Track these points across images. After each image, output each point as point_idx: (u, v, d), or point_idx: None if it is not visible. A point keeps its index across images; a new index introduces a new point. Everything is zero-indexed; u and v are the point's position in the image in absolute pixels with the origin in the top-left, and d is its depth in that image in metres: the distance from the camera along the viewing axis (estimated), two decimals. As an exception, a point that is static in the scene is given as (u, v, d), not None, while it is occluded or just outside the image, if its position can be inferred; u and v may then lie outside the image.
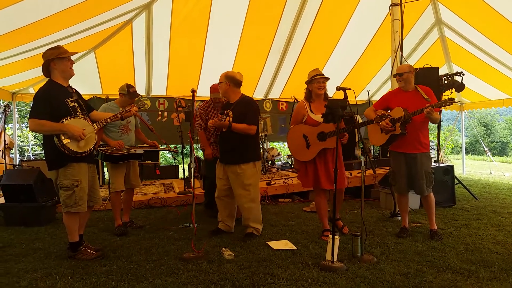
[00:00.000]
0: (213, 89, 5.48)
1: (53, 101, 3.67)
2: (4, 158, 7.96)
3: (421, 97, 4.36)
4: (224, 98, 4.73)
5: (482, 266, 3.52)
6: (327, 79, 4.56)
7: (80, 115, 3.80)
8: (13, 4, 5.11)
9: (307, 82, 4.61)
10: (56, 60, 3.77)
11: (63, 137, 3.61)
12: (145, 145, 5.18)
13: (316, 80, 4.50)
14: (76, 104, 3.83)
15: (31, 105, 3.78)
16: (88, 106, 4.07)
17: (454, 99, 4.11)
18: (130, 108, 4.20)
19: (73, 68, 3.90)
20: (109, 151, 4.68)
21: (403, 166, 4.51)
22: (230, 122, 4.33)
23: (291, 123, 4.82)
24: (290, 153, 11.46)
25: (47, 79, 3.87)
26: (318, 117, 4.44)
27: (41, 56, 3.83)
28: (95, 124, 3.89)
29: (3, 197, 5.57)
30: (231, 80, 4.51)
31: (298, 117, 4.64)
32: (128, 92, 4.92)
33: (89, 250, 3.87)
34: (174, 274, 3.41)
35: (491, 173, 11.88)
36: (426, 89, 4.45)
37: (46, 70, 3.83)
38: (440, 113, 4.32)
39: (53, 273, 3.44)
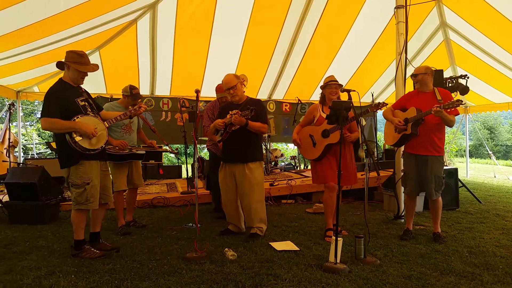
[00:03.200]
0: (219, 88, 5.48)
1: (64, 100, 3.73)
2: (9, 156, 7.99)
3: (436, 99, 4.35)
4: (229, 99, 4.70)
5: (485, 269, 3.51)
6: (341, 85, 4.64)
7: (91, 113, 3.85)
8: (19, 2, 5.13)
9: (322, 87, 4.73)
10: (71, 68, 3.81)
11: (75, 135, 3.66)
12: (147, 145, 5.19)
13: (329, 86, 4.63)
14: (86, 103, 3.89)
15: (42, 104, 3.84)
16: (97, 105, 4.12)
17: (461, 100, 4.10)
18: (140, 105, 4.23)
19: (84, 77, 3.93)
20: (111, 150, 4.69)
21: (413, 168, 4.51)
22: (247, 120, 4.33)
23: (300, 123, 4.94)
24: (293, 155, 11.49)
25: (54, 77, 3.92)
26: None
27: (62, 52, 3.91)
28: (105, 122, 3.93)
29: (7, 195, 5.58)
30: (241, 81, 4.56)
31: (309, 117, 4.82)
32: (131, 93, 4.94)
33: (92, 249, 3.87)
34: (177, 273, 3.42)
35: (495, 177, 11.85)
36: (444, 92, 4.44)
37: (61, 66, 3.87)
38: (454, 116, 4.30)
39: (57, 271, 3.45)
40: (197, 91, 4.33)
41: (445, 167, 6.43)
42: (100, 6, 6.20)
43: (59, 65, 3.87)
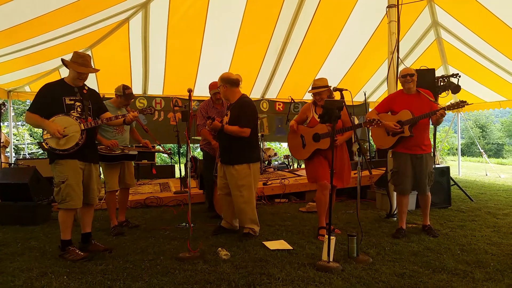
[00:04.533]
0: (212, 86, 5.49)
1: (49, 97, 3.81)
2: (0, 157, 7.92)
3: (425, 99, 4.45)
4: (226, 101, 4.75)
5: (477, 267, 3.53)
6: (327, 88, 4.60)
7: (73, 114, 3.83)
8: (10, 1, 5.09)
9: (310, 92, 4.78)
10: (70, 66, 3.87)
11: (44, 132, 3.78)
12: (140, 145, 5.18)
13: (314, 95, 4.68)
14: (78, 103, 3.88)
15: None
16: (99, 108, 4.12)
17: (465, 101, 4.17)
18: (132, 111, 4.27)
19: (82, 79, 3.95)
20: (103, 151, 4.66)
21: (408, 167, 4.56)
22: (222, 124, 4.35)
23: (295, 119, 4.96)
24: (286, 154, 11.50)
25: (46, 77, 3.98)
26: None
27: (56, 51, 3.98)
28: (82, 124, 3.86)
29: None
30: (227, 81, 4.50)
31: (302, 117, 4.84)
32: (124, 93, 4.91)
33: (77, 251, 3.84)
34: (170, 273, 3.41)
35: (486, 175, 11.93)
36: (427, 92, 4.53)
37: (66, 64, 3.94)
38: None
39: (49, 272, 3.42)
40: (190, 91, 4.32)
41: (437, 166, 6.49)
42: (92, 5, 6.17)
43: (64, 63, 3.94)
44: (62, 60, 3.94)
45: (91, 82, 8.84)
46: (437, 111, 4.21)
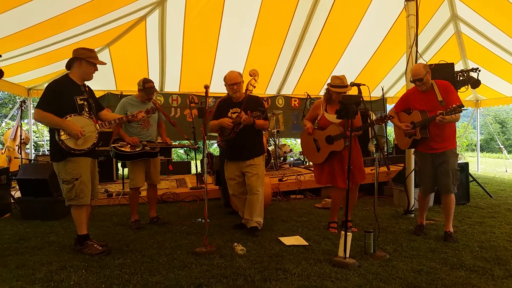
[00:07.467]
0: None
1: (62, 96, 3.77)
2: (20, 153, 8.09)
3: (437, 99, 4.22)
4: (230, 94, 4.69)
5: (496, 264, 3.48)
6: (347, 87, 4.52)
7: (85, 114, 3.87)
8: (29, 1, 5.17)
9: (330, 86, 4.60)
10: (84, 62, 3.88)
11: (62, 133, 3.71)
12: (160, 141, 5.18)
13: (336, 93, 4.53)
14: (85, 103, 3.91)
15: (41, 94, 3.89)
16: (98, 105, 4.14)
17: (463, 105, 3.95)
18: (137, 114, 4.26)
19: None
20: (123, 148, 4.70)
21: (429, 166, 4.38)
22: (254, 119, 4.39)
23: (306, 118, 4.96)
24: (301, 150, 11.46)
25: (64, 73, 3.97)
26: (331, 117, 4.57)
27: (72, 50, 3.92)
28: (97, 125, 3.93)
29: (19, 191, 5.66)
30: (243, 80, 4.62)
31: (313, 114, 4.83)
32: (144, 87, 4.91)
33: (95, 245, 3.90)
34: (186, 268, 3.44)
35: (506, 171, 11.70)
36: (443, 85, 4.29)
37: (70, 64, 3.92)
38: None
39: (68, 266, 3.49)
40: (206, 87, 4.36)
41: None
42: (109, 3, 6.23)
43: (68, 64, 3.92)
44: (72, 59, 3.89)
45: (109, 79, 8.95)
46: (436, 117, 4.02)
